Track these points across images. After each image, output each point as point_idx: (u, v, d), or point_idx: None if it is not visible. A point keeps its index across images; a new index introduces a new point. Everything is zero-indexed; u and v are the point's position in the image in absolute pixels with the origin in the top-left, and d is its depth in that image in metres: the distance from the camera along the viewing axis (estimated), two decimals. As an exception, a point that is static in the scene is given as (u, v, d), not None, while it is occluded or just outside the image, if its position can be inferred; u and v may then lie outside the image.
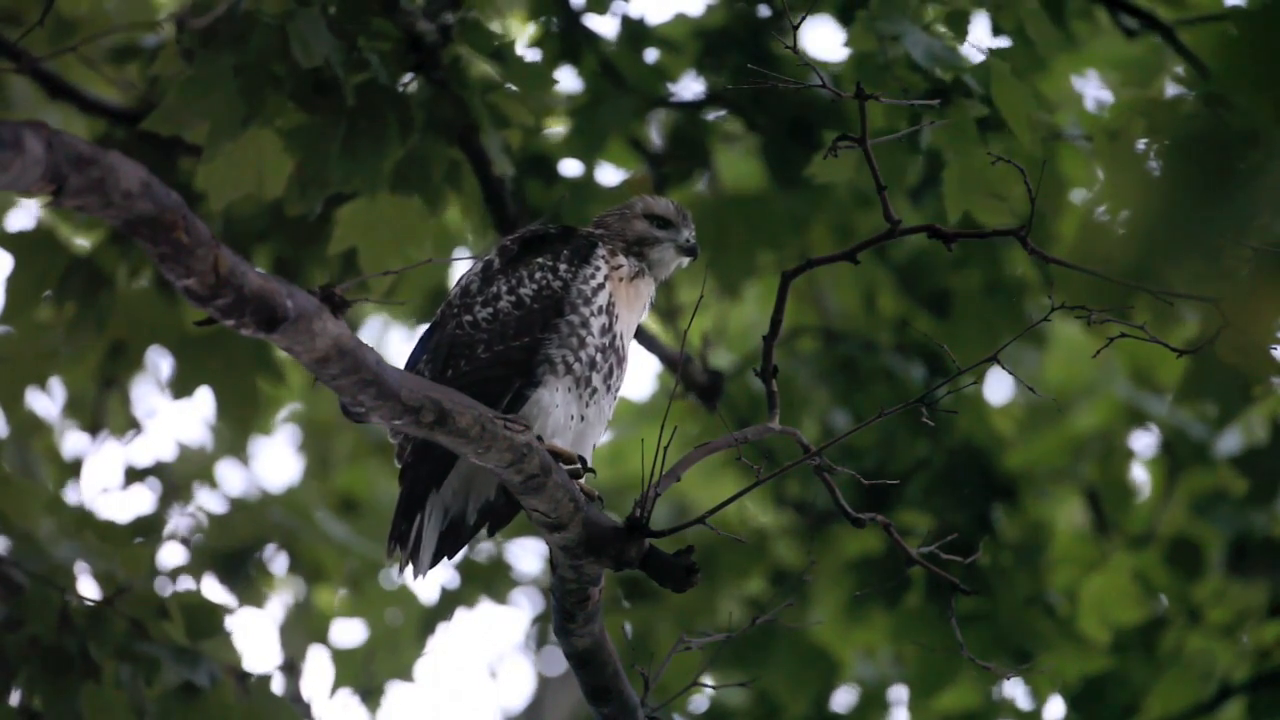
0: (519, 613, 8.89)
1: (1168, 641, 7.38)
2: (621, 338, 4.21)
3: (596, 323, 4.17)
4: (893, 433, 7.36)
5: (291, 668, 8.22)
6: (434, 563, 4.27)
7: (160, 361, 6.89)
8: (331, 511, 8.29)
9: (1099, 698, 7.30)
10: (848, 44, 5.39)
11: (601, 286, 4.21)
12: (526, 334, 4.17)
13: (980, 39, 5.41)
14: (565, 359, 4.14)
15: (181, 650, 5.28)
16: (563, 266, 4.23)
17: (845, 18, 5.79)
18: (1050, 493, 7.85)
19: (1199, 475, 7.65)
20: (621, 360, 4.20)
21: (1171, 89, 5.78)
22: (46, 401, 7.70)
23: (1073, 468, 7.90)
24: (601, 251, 4.25)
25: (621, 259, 4.27)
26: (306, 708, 7.99)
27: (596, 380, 4.16)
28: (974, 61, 5.20)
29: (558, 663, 9.12)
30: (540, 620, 8.78)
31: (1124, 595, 7.53)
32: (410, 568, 4.23)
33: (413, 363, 4.27)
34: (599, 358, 4.16)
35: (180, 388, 6.75)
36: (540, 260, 4.24)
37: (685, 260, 4.35)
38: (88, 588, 5.36)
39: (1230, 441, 7.57)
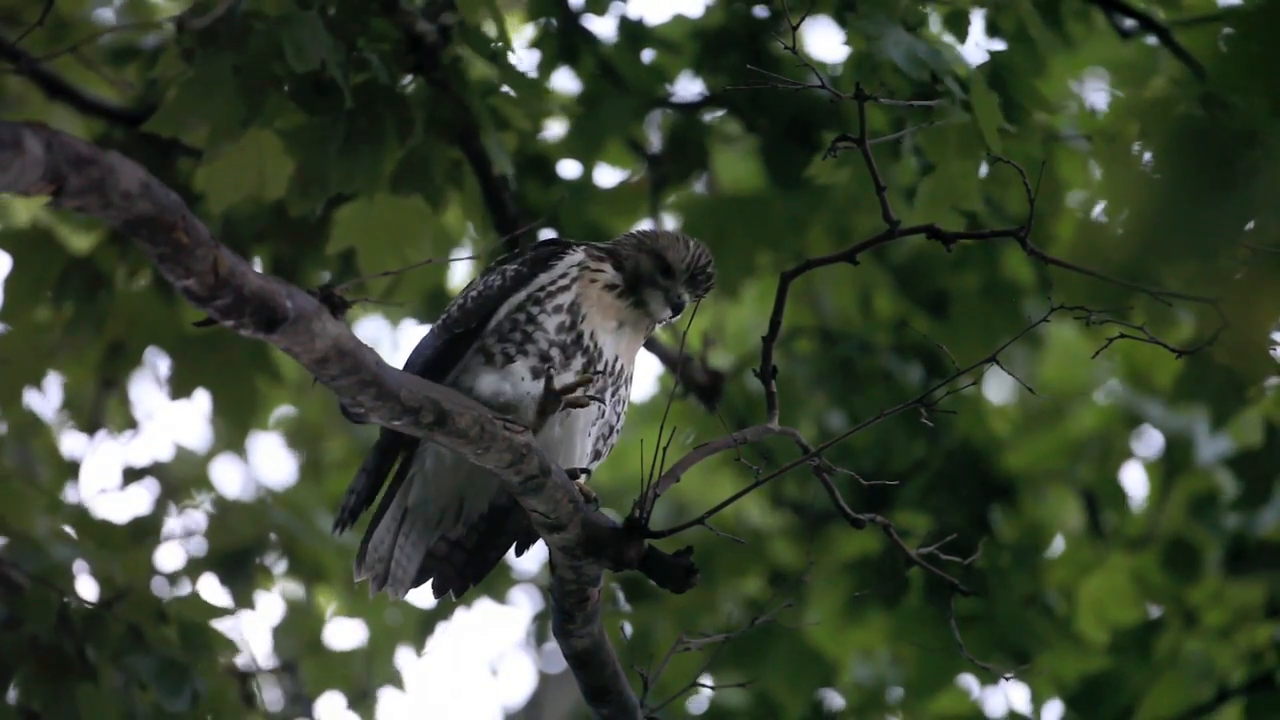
0: (519, 611, 8.90)
1: (1164, 644, 7.38)
2: (594, 337, 4.15)
3: (551, 320, 4.12)
4: (891, 433, 7.35)
5: (291, 668, 8.21)
6: (441, 586, 4.27)
7: (159, 361, 6.89)
8: (329, 512, 8.28)
9: (1097, 700, 7.29)
10: (846, 44, 5.38)
11: (565, 288, 4.16)
12: (465, 324, 4.15)
13: (979, 40, 5.40)
14: (500, 349, 4.10)
15: (170, 663, 5.25)
16: (519, 268, 4.19)
17: (843, 18, 5.79)
18: (1047, 495, 7.84)
19: (1196, 477, 7.64)
20: (598, 360, 4.14)
21: (1168, 89, 5.78)
22: (44, 401, 7.71)
23: (1070, 470, 7.89)
24: (576, 257, 4.21)
25: (607, 268, 4.20)
26: (306, 708, 7.99)
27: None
28: (959, 64, 5.14)
29: (558, 660, 9.12)
30: (540, 618, 8.78)
31: (1122, 595, 7.52)
32: (388, 588, 4.24)
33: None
34: (555, 353, 4.10)
35: (178, 388, 6.75)
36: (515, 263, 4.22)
37: (665, 313, 4.21)
38: (87, 588, 5.36)
39: (1220, 444, 7.57)
